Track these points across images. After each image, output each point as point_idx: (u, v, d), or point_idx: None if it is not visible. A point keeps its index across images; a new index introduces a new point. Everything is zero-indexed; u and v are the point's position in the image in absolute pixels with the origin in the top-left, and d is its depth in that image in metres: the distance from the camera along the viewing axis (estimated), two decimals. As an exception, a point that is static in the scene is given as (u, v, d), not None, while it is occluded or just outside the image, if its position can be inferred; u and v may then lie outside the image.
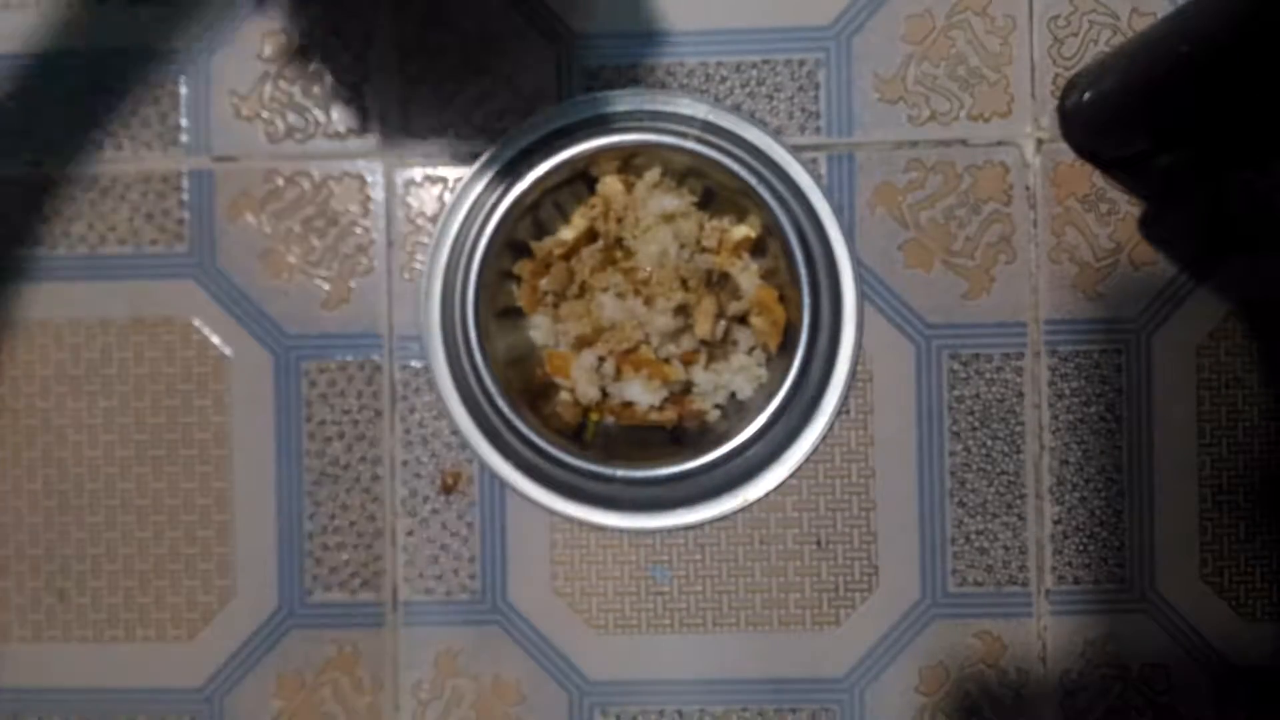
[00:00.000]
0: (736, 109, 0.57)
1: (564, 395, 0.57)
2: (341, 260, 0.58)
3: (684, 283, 0.56)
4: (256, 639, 0.57)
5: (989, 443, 0.56)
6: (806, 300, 0.54)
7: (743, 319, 0.58)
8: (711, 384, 0.57)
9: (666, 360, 0.56)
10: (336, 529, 0.57)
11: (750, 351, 0.58)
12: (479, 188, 0.57)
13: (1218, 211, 0.56)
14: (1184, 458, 0.56)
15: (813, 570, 0.57)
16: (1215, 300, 0.56)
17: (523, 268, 0.57)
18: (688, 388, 0.57)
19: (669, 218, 0.56)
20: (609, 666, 0.57)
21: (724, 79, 0.57)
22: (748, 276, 0.57)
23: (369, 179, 0.58)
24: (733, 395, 0.57)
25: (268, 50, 0.58)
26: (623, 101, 0.57)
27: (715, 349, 0.57)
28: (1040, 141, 0.57)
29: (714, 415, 0.57)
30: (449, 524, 0.57)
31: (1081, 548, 0.56)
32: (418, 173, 0.58)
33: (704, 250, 0.57)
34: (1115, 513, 0.56)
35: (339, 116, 0.58)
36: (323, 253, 0.58)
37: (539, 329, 0.58)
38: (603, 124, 0.56)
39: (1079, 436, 0.56)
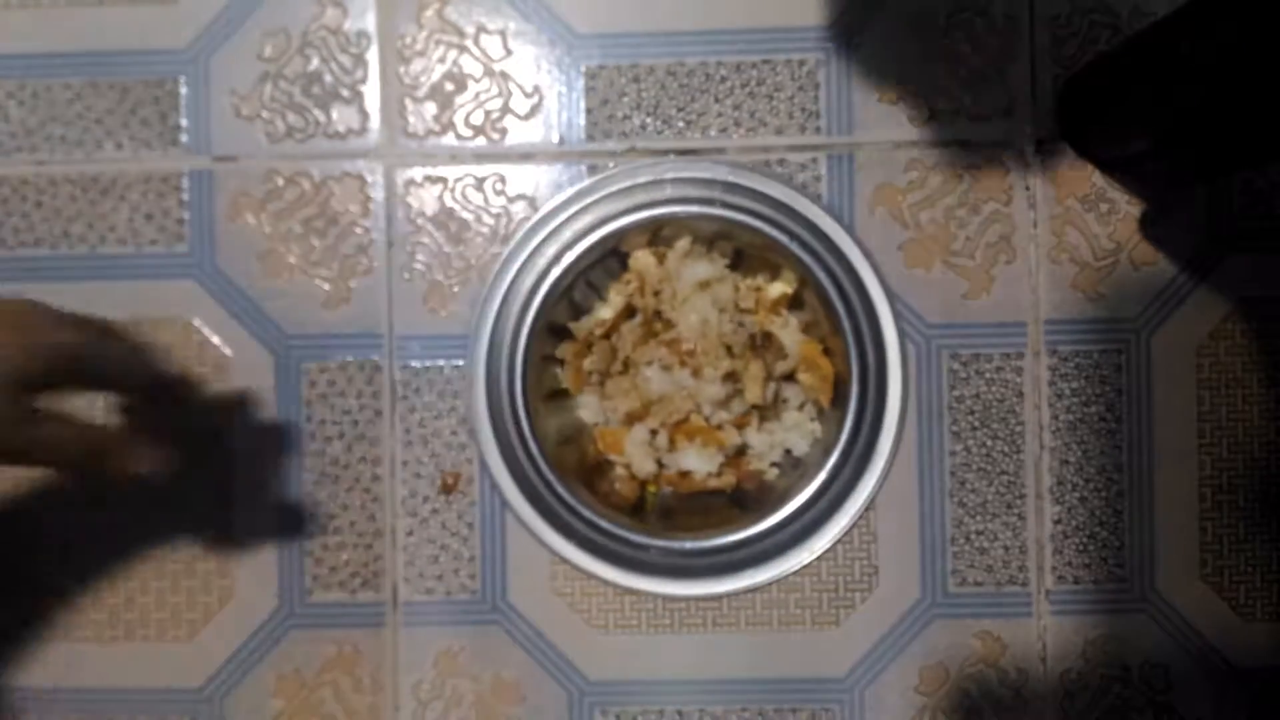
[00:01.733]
0: (750, 170, 0.57)
1: (619, 471, 0.57)
2: (341, 260, 0.58)
3: (729, 349, 0.56)
4: (256, 639, 0.57)
5: (989, 443, 0.56)
6: (853, 350, 0.54)
7: (790, 376, 0.57)
8: (766, 444, 0.57)
9: (719, 426, 0.56)
10: (336, 529, 0.57)
11: (801, 407, 0.57)
12: (510, 274, 0.56)
13: (1218, 211, 0.56)
14: (1184, 458, 0.56)
15: (812, 570, 0.57)
16: (1215, 300, 0.56)
17: (564, 350, 0.57)
18: (743, 449, 0.57)
19: (705, 284, 0.56)
20: (609, 666, 0.57)
21: (724, 79, 0.57)
22: (789, 333, 0.57)
23: (369, 179, 0.58)
24: (788, 452, 0.57)
25: (268, 50, 0.58)
26: (643, 172, 0.56)
27: (767, 410, 0.57)
28: (1040, 141, 0.57)
29: (772, 474, 0.57)
30: (449, 524, 0.57)
31: (1081, 548, 0.56)
32: (418, 173, 0.58)
33: (742, 311, 0.57)
34: (1115, 513, 0.56)
35: (339, 116, 0.58)
36: (323, 253, 0.58)
37: (587, 408, 0.58)
38: (626, 195, 0.56)
39: (1079, 436, 0.56)
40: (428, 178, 0.58)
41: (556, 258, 0.55)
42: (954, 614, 0.56)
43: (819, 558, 0.56)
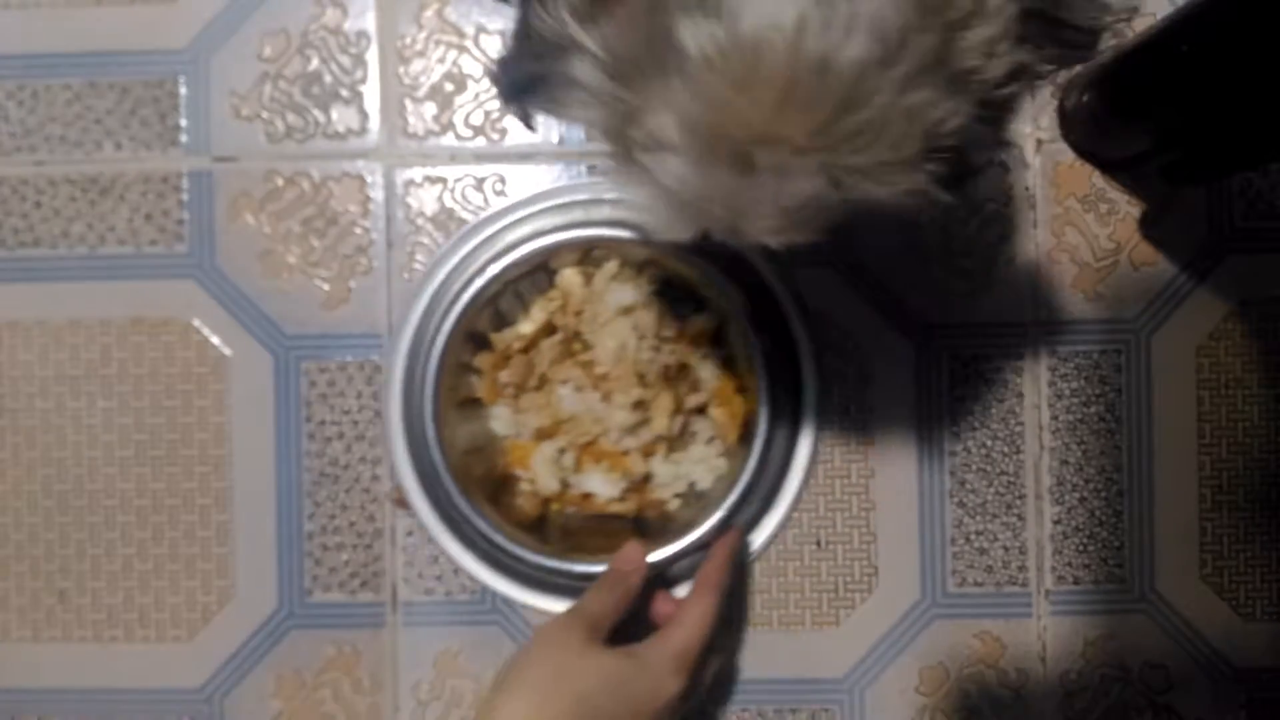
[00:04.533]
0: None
1: (524, 486, 0.57)
2: (341, 260, 0.58)
3: (641, 378, 0.55)
4: (256, 639, 0.57)
5: (989, 443, 0.56)
6: (765, 394, 0.53)
7: (702, 410, 0.57)
8: (671, 475, 0.56)
9: (625, 453, 0.55)
10: (336, 529, 0.57)
11: (709, 442, 0.57)
12: (441, 276, 0.56)
13: (1218, 211, 0.56)
14: (1184, 458, 0.56)
15: (813, 570, 0.57)
16: (1215, 300, 0.56)
17: (483, 360, 0.56)
18: (647, 478, 0.56)
19: (628, 309, 0.55)
20: (609, 666, 0.57)
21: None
22: (707, 367, 0.56)
23: (369, 179, 0.58)
24: (692, 485, 0.57)
25: (268, 50, 0.58)
26: (582, 190, 0.56)
27: (674, 441, 0.56)
28: (1040, 141, 0.57)
29: (674, 505, 0.56)
30: (449, 524, 0.57)
31: (1081, 548, 0.56)
32: (418, 173, 0.58)
33: (663, 339, 0.56)
34: (1115, 513, 0.56)
35: (339, 117, 0.58)
36: (322, 253, 0.58)
37: (499, 419, 0.57)
38: (564, 211, 0.56)
39: (1079, 436, 0.56)
40: (427, 178, 0.58)
41: (483, 268, 0.54)
42: (954, 614, 0.56)
43: (817, 558, 0.56)
